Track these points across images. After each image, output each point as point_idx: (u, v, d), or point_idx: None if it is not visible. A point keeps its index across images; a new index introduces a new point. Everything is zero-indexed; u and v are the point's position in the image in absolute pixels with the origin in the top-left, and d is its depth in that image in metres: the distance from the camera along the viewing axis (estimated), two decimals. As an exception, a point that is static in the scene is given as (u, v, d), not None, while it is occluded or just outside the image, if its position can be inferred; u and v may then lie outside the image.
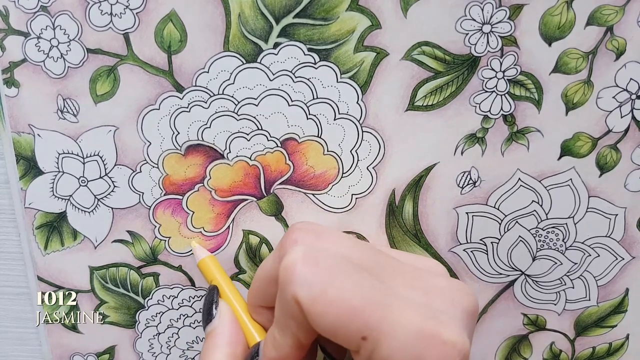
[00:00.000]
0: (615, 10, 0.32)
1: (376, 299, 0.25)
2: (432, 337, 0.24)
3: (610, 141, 0.34)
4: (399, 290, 0.26)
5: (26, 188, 0.35)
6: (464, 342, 0.24)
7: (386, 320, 0.24)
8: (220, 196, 0.35)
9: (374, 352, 0.24)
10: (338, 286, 0.25)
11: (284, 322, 0.27)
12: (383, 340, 0.24)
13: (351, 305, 0.25)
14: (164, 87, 0.33)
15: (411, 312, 0.25)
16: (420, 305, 0.25)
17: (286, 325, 0.27)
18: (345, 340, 0.25)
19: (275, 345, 0.28)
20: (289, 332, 0.27)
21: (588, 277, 0.38)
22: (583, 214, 0.36)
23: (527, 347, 0.40)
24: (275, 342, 0.28)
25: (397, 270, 0.28)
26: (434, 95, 0.33)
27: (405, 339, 0.24)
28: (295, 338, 0.27)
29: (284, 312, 0.27)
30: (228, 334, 0.32)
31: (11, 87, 0.33)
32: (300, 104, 0.33)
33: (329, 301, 0.25)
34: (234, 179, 0.35)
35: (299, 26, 0.32)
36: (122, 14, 0.32)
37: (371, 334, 0.24)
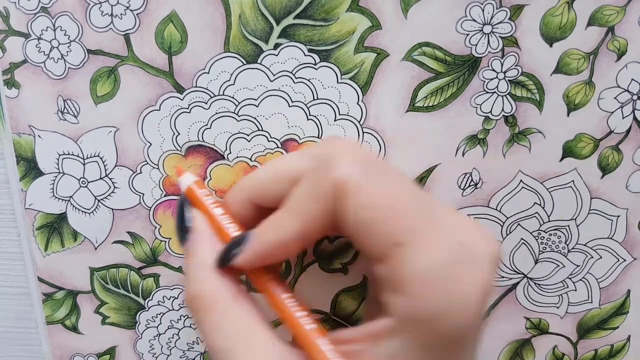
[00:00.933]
0: (616, 10, 0.32)
1: (422, 210, 0.24)
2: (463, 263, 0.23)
3: (612, 142, 0.34)
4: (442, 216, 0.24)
5: (26, 189, 0.35)
6: (491, 277, 0.23)
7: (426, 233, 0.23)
8: (220, 197, 0.35)
9: (405, 263, 0.23)
10: (386, 184, 0.24)
11: (303, 205, 0.25)
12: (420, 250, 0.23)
13: (399, 204, 0.23)
14: (165, 88, 0.33)
15: (449, 236, 0.24)
16: (458, 234, 0.24)
17: (305, 209, 0.25)
18: (376, 239, 0.23)
19: (278, 228, 0.26)
20: (303, 217, 0.25)
21: (590, 279, 0.38)
22: (585, 215, 0.36)
23: (529, 351, 0.40)
24: (278, 226, 0.26)
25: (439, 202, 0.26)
26: (434, 96, 0.33)
27: (440, 256, 0.23)
28: (308, 225, 0.25)
29: (309, 194, 0.25)
30: (210, 245, 0.28)
31: (11, 88, 0.33)
32: (301, 104, 0.33)
33: (378, 192, 0.24)
34: (234, 179, 0.35)
35: (300, 27, 0.32)
36: (122, 14, 0.32)
37: (409, 240, 0.23)
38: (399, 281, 0.23)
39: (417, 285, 0.23)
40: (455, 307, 0.22)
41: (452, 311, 0.22)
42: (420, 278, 0.23)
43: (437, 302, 0.22)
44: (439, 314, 0.22)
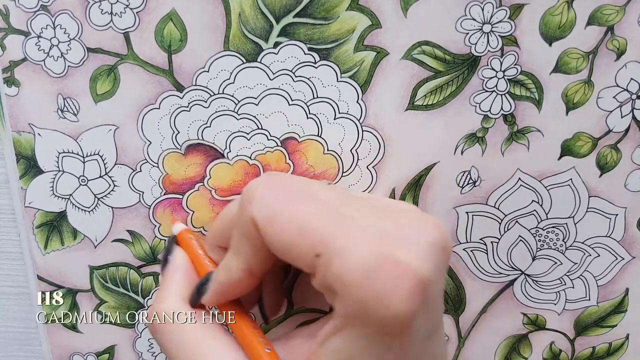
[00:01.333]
0: (616, 10, 0.32)
1: (332, 220, 0.25)
2: (386, 256, 0.24)
3: (611, 141, 0.34)
4: (359, 218, 0.26)
5: (26, 187, 0.35)
6: (421, 266, 0.24)
7: (340, 238, 0.24)
8: (220, 195, 0.35)
9: (327, 271, 0.24)
10: (295, 208, 0.26)
11: (238, 244, 0.28)
12: (336, 256, 0.24)
13: (306, 224, 0.25)
14: (164, 87, 0.33)
15: (368, 234, 0.25)
16: (380, 230, 0.25)
17: (240, 248, 0.28)
18: (300, 259, 0.25)
19: (226, 269, 0.29)
20: (242, 256, 0.28)
21: (588, 277, 0.38)
22: (583, 213, 0.36)
23: (526, 347, 0.40)
24: (227, 267, 0.29)
25: (364, 204, 0.28)
26: (434, 94, 0.33)
27: (358, 256, 0.24)
28: (247, 263, 0.28)
29: (240, 234, 0.28)
30: (181, 273, 0.32)
31: (11, 86, 0.33)
32: (301, 103, 0.33)
33: (285, 220, 0.25)
34: (234, 178, 0.35)
35: (299, 25, 0.32)
36: (122, 13, 0.32)
37: (324, 251, 0.24)
38: (330, 286, 0.24)
39: (342, 286, 0.24)
40: (378, 302, 0.23)
41: (376, 306, 0.23)
42: (343, 280, 0.24)
43: (362, 299, 0.23)
44: (365, 309, 0.23)
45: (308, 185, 0.29)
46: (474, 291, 0.38)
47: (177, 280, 0.31)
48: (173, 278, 0.32)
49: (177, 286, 0.31)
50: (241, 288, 0.29)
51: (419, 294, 0.23)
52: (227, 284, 0.29)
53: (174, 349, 0.29)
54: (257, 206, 0.26)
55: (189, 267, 0.32)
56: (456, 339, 0.39)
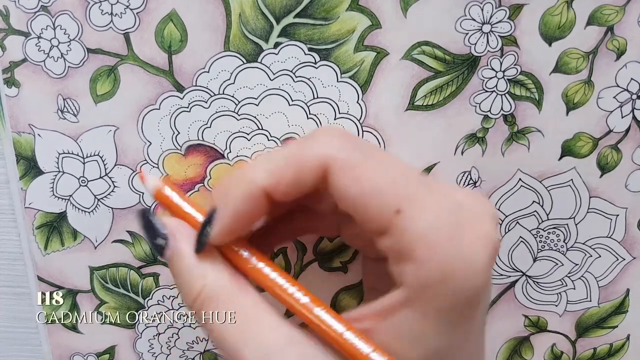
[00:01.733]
0: (616, 10, 0.32)
1: (415, 178, 0.24)
2: (467, 222, 0.23)
3: (611, 141, 0.34)
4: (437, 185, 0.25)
5: (26, 188, 0.35)
6: (497, 235, 0.23)
7: (425, 198, 0.23)
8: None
9: (407, 230, 0.23)
10: (378, 157, 0.24)
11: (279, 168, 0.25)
12: (420, 215, 0.23)
13: (390, 175, 0.24)
14: (164, 87, 0.33)
15: (448, 198, 0.24)
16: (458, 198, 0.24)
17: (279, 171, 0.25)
18: (376, 213, 0.23)
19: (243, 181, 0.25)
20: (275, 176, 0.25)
21: (589, 277, 0.38)
22: (584, 214, 0.36)
23: (528, 349, 0.40)
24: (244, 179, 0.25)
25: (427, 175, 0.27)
26: (434, 94, 0.33)
27: (442, 216, 0.23)
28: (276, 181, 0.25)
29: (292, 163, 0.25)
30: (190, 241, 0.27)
31: (11, 86, 0.33)
32: (301, 103, 0.33)
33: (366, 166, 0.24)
34: (234, 179, 0.35)
35: (300, 26, 0.32)
36: (122, 13, 0.32)
37: (408, 207, 0.23)
38: (404, 249, 0.23)
39: (422, 249, 0.23)
40: (463, 265, 0.22)
41: (460, 269, 0.22)
42: (425, 241, 0.23)
43: (445, 263, 0.22)
44: (448, 274, 0.22)
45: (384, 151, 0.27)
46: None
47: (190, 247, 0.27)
48: (185, 249, 0.27)
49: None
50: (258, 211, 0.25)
51: (494, 261, 0.23)
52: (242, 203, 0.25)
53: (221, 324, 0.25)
54: (334, 146, 0.24)
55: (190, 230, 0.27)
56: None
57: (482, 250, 0.23)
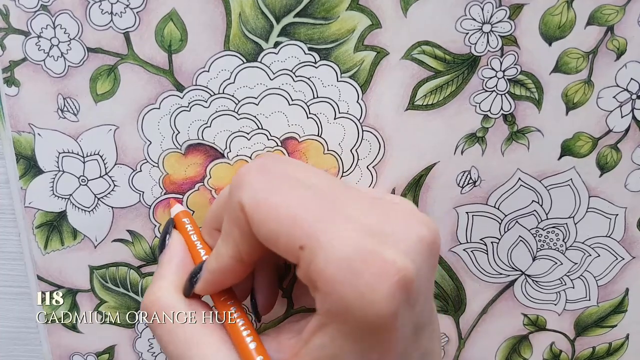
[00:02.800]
0: (616, 10, 0.32)
1: (319, 212, 0.25)
2: (369, 253, 0.23)
3: (611, 141, 0.34)
4: (347, 211, 0.25)
5: (26, 187, 0.35)
6: (405, 263, 0.23)
7: (326, 231, 0.24)
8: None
9: (311, 264, 0.24)
10: (283, 195, 0.26)
11: (228, 230, 0.27)
12: (319, 250, 0.23)
13: (293, 213, 0.25)
14: (165, 87, 0.33)
15: (354, 229, 0.24)
16: (367, 225, 0.25)
17: (230, 234, 0.27)
18: (285, 249, 0.25)
19: (217, 256, 0.28)
20: (231, 242, 0.27)
21: (588, 277, 0.38)
22: (583, 213, 0.36)
23: (527, 348, 0.40)
24: (217, 254, 0.28)
25: (355, 196, 0.27)
26: (434, 94, 0.33)
27: (341, 251, 0.23)
28: (236, 249, 0.27)
29: (229, 220, 0.27)
30: (177, 259, 0.32)
31: (11, 86, 0.33)
32: (301, 103, 0.33)
33: (272, 207, 0.25)
34: (234, 178, 0.35)
35: (300, 25, 0.32)
36: (122, 13, 0.32)
37: (308, 243, 0.24)
38: (312, 280, 0.24)
39: (324, 282, 0.23)
40: (359, 297, 0.23)
41: (358, 302, 0.23)
42: (325, 275, 0.23)
43: (343, 296, 0.23)
44: (346, 306, 0.23)
45: (301, 171, 0.28)
46: (474, 292, 0.38)
47: (173, 268, 0.31)
48: (169, 265, 0.31)
49: (173, 274, 0.31)
50: (232, 275, 0.29)
51: (402, 291, 0.23)
52: (218, 272, 0.28)
53: (166, 337, 0.28)
54: (245, 191, 0.26)
55: (185, 253, 0.32)
56: (456, 339, 0.39)
57: (381, 283, 0.23)
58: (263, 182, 0.26)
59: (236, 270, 0.28)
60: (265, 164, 0.28)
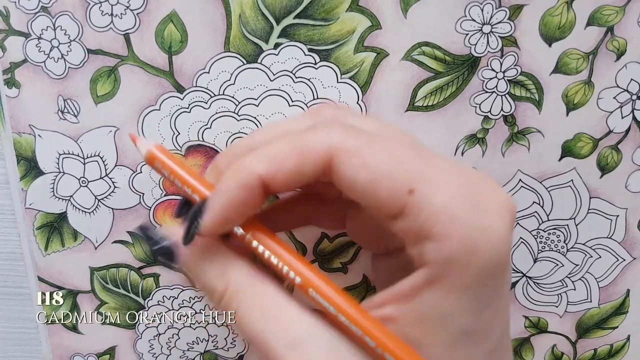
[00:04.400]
0: (616, 10, 0.32)
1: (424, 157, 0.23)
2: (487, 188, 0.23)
3: (611, 142, 0.34)
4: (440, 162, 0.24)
5: (27, 188, 0.35)
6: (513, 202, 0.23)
7: (436, 172, 0.23)
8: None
9: (423, 208, 0.22)
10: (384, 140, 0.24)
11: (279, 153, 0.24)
12: (434, 191, 0.22)
13: (398, 157, 0.23)
14: (165, 88, 0.33)
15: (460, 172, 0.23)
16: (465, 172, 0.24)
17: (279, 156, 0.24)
18: (388, 197, 0.23)
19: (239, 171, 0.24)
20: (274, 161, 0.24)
21: (589, 278, 0.38)
22: (584, 215, 0.36)
23: (528, 350, 0.40)
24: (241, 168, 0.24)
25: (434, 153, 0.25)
26: (434, 95, 0.33)
27: (458, 188, 0.22)
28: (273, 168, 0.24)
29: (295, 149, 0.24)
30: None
31: (12, 87, 0.33)
32: (301, 104, 0.33)
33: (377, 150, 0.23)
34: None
35: (300, 27, 0.32)
36: (122, 14, 0.32)
37: (420, 186, 0.22)
38: (423, 228, 0.22)
39: (442, 225, 0.22)
40: (485, 236, 0.22)
41: (483, 241, 0.22)
42: (443, 216, 0.22)
43: (466, 236, 0.22)
44: (471, 247, 0.22)
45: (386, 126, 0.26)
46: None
47: None
48: None
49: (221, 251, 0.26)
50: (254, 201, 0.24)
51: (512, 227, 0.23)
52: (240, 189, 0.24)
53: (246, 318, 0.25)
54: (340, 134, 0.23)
55: None
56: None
57: (501, 220, 0.22)
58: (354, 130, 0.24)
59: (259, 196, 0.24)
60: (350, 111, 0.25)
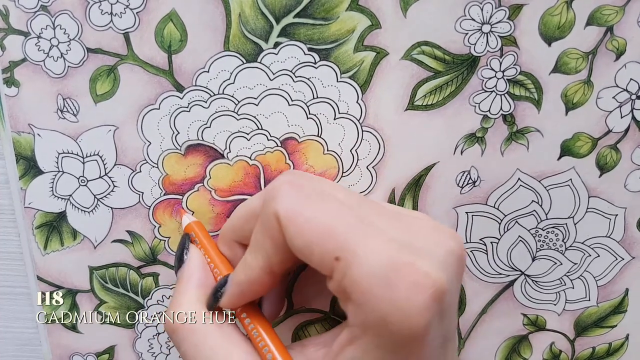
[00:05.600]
0: (615, 10, 0.32)
1: (354, 225, 0.25)
2: (405, 265, 0.24)
3: (610, 141, 0.34)
4: (378, 224, 0.26)
5: (26, 188, 0.35)
6: (439, 275, 0.24)
7: (360, 243, 0.24)
8: (220, 196, 0.35)
9: (346, 275, 0.24)
10: (317, 208, 0.26)
11: (259, 241, 0.27)
12: (355, 262, 0.24)
13: (328, 225, 0.25)
14: (164, 87, 0.33)
15: (387, 241, 0.24)
16: (399, 239, 0.25)
17: (261, 245, 0.27)
18: (319, 261, 0.25)
19: (245, 268, 0.28)
20: (262, 253, 0.27)
21: (588, 277, 0.38)
22: (583, 214, 0.36)
23: (527, 348, 0.40)
24: (246, 266, 0.28)
25: (382, 211, 0.28)
26: (433, 94, 0.33)
27: (377, 263, 0.24)
28: (267, 260, 0.27)
29: (261, 231, 0.27)
30: (197, 275, 0.31)
31: (11, 86, 0.33)
32: (300, 103, 0.33)
33: (307, 218, 0.25)
34: (234, 178, 0.35)
35: (299, 26, 0.32)
36: (122, 13, 0.32)
37: (344, 255, 0.24)
38: (346, 292, 0.24)
39: (360, 294, 0.24)
40: (396, 310, 0.23)
41: (393, 314, 0.23)
42: (360, 287, 0.24)
43: (378, 308, 0.23)
44: (382, 318, 0.23)
45: (330, 187, 0.29)
46: (473, 292, 0.38)
47: (194, 283, 0.31)
48: (190, 280, 0.31)
49: (195, 289, 0.31)
50: (260, 288, 0.28)
51: (437, 303, 0.23)
52: (246, 284, 0.28)
53: (192, 352, 0.28)
54: (281, 203, 0.26)
55: (205, 268, 0.32)
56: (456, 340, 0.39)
57: (417, 295, 0.23)
58: (297, 195, 0.27)
59: (265, 282, 0.28)
60: (294, 180, 0.28)
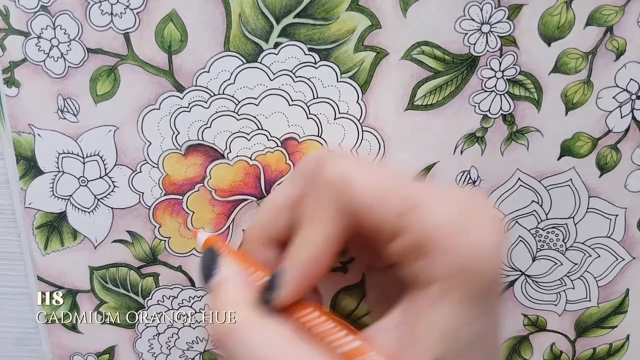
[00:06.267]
0: (615, 10, 0.32)
1: (411, 183, 0.25)
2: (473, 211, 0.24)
3: (611, 141, 0.34)
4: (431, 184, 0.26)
5: (26, 188, 0.35)
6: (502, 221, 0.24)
7: (424, 197, 0.24)
8: (220, 196, 0.35)
9: (423, 225, 0.23)
10: (372, 171, 0.26)
11: (316, 214, 0.26)
12: (424, 213, 0.23)
13: (387, 183, 0.25)
14: (164, 87, 0.33)
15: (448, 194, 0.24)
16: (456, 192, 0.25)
17: (319, 217, 0.26)
18: (385, 218, 0.24)
19: (303, 246, 0.26)
20: (322, 225, 0.25)
21: (588, 277, 0.38)
22: (583, 214, 0.36)
23: (527, 348, 0.40)
24: (303, 244, 0.26)
25: None
26: (433, 94, 0.33)
27: (448, 211, 0.23)
28: (330, 229, 0.25)
29: (316, 200, 0.26)
30: (239, 280, 0.28)
31: (11, 86, 0.33)
32: (301, 103, 0.33)
33: (366, 178, 0.25)
34: (234, 178, 0.35)
35: (300, 26, 0.32)
36: (122, 13, 0.32)
37: (410, 210, 0.23)
38: (418, 246, 0.23)
39: (436, 243, 0.23)
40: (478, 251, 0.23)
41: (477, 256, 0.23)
42: (436, 235, 0.23)
43: (462, 252, 0.23)
44: (467, 262, 0.23)
45: None
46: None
47: (236, 286, 0.27)
48: (230, 285, 0.27)
49: (239, 292, 0.27)
50: (323, 267, 0.26)
51: (502, 245, 0.24)
52: (311, 262, 0.26)
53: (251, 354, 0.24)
54: (335, 166, 0.25)
55: (242, 275, 0.28)
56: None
57: (492, 234, 0.23)
58: (347, 160, 0.26)
59: (327, 260, 0.26)
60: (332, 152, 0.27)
